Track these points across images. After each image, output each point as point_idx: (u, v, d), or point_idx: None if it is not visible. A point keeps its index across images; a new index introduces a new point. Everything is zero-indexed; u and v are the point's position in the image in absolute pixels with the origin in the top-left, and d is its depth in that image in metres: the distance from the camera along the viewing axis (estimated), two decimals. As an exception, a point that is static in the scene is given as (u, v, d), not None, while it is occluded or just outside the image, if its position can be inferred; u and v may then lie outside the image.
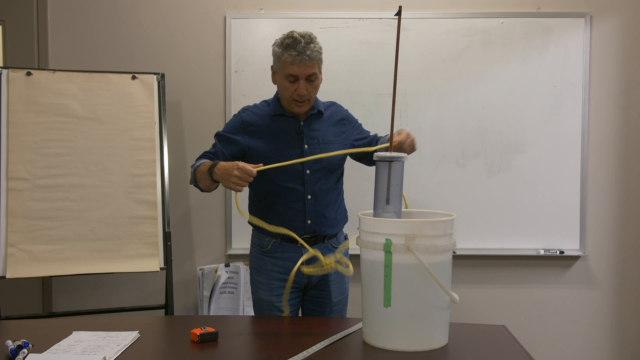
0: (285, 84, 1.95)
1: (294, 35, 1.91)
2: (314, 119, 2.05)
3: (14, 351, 1.43)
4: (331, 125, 2.08)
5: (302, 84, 1.93)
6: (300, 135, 2.01)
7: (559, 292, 3.03)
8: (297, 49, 1.88)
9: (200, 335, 1.56)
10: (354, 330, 1.67)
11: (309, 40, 1.90)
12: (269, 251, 2.05)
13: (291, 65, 1.90)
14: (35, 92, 2.60)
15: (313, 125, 2.04)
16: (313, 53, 1.90)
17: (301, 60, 1.89)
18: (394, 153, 1.63)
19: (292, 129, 2.02)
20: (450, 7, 2.95)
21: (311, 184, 2.00)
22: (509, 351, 1.54)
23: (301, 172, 2.00)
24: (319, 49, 1.93)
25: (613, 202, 2.99)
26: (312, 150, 2.00)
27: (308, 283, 2.06)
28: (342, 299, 2.11)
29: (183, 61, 2.99)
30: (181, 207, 2.99)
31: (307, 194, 2.00)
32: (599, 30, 2.94)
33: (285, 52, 1.90)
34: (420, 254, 1.45)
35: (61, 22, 2.98)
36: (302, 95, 1.94)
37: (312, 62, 1.91)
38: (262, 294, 2.05)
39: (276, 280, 2.03)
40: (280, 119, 2.03)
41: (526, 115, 2.93)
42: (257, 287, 2.07)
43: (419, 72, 2.92)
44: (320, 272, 1.82)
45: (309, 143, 2.02)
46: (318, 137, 2.03)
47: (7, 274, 2.45)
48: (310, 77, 1.93)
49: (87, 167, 2.61)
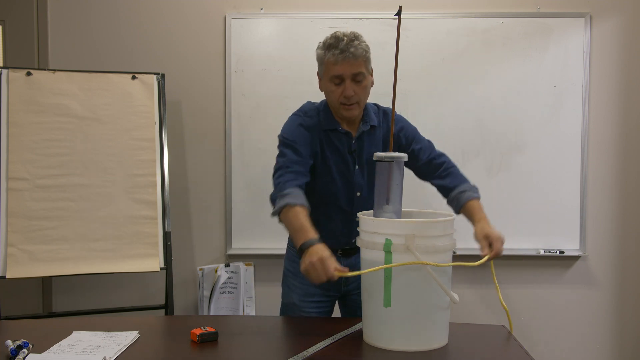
0: (331, 87, 1.81)
1: (337, 34, 1.78)
2: (367, 135, 1.89)
3: (14, 351, 1.43)
4: (384, 142, 1.92)
5: (348, 84, 1.77)
6: (352, 155, 1.88)
7: (559, 292, 3.02)
8: (339, 47, 1.75)
9: (200, 335, 1.56)
10: (354, 330, 1.67)
11: (352, 38, 1.76)
12: None
13: (334, 66, 1.77)
14: (35, 92, 2.60)
15: (365, 142, 1.89)
16: (358, 50, 1.75)
17: (344, 59, 1.74)
18: (394, 153, 1.63)
19: (345, 146, 1.87)
20: (450, 7, 2.95)
21: (360, 208, 1.84)
22: (509, 351, 1.54)
23: (352, 194, 1.90)
24: (365, 47, 1.78)
25: (613, 202, 2.99)
26: (363, 172, 1.89)
27: (346, 292, 1.99)
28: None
29: (183, 61, 2.99)
30: (181, 207, 2.99)
31: (356, 217, 1.87)
32: (599, 30, 2.94)
33: (327, 52, 1.77)
34: (420, 254, 1.45)
35: (61, 22, 2.98)
36: (350, 97, 1.79)
37: (357, 60, 1.76)
38: (295, 299, 1.96)
39: (312, 287, 1.91)
40: (332, 134, 1.87)
41: (526, 115, 2.93)
42: (291, 291, 1.98)
43: (419, 72, 2.92)
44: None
45: (360, 163, 1.88)
46: (370, 158, 1.84)
47: (7, 274, 2.45)
48: (357, 76, 1.78)
49: (87, 167, 2.61)
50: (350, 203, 1.90)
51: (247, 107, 2.96)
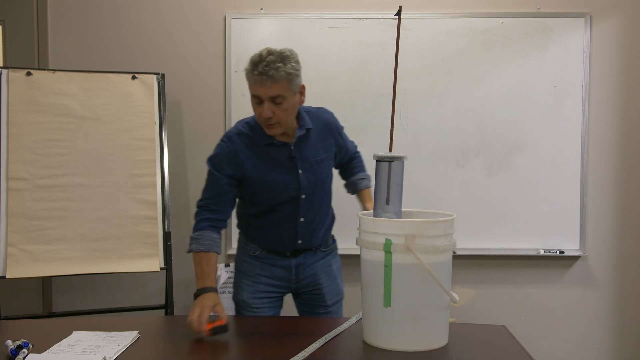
0: (253, 105, 1.81)
1: (262, 53, 1.75)
2: (305, 139, 1.91)
3: (14, 351, 1.43)
4: (320, 140, 1.96)
5: (266, 106, 1.74)
6: (293, 161, 1.90)
7: (559, 292, 3.02)
8: (258, 68, 1.71)
9: (212, 329, 1.59)
10: (352, 323, 1.68)
11: (275, 59, 1.72)
12: (257, 256, 2.01)
13: (254, 85, 1.75)
14: (35, 92, 2.59)
15: (303, 147, 1.91)
16: (278, 73, 1.70)
17: (262, 81, 1.71)
18: (394, 153, 1.63)
19: (284, 156, 1.89)
20: (450, 7, 2.95)
21: (305, 209, 1.94)
22: (509, 351, 1.54)
23: (297, 198, 1.92)
24: (289, 68, 1.73)
25: (613, 202, 2.99)
26: (307, 174, 1.91)
27: (297, 288, 2.04)
28: (337, 301, 2.09)
29: (183, 61, 2.99)
30: (181, 207, 2.99)
31: (301, 217, 1.94)
32: (599, 30, 2.94)
33: (250, 70, 1.75)
34: (420, 254, 1.45)
35: (61, 22, 2.98)
36: (267, 119, 1.77)
37: (276, 83, 1.71)
38: (245, 296, 2.00)
39: (262, 284, 2.00)
40: (269, 147, 1.88)
41: (526, 115, 2.93)
42: (242, 289, 2.02)
43: (419, 72, 2.92)
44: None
45: (303, 167, 1.91)
46: (310, 159, 1.92)
47: (7, 274, 2.45)
48: (276, 99, 1.74)
49: (87, 167, 2.61)
50: (295, 207, 1.93)
51: (247, 107, 2.92)
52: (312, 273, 2.04)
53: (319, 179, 1.94)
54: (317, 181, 1.94)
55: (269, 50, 1.75)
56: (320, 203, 2.00)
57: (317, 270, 2.05)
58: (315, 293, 2.06)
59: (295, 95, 1.80)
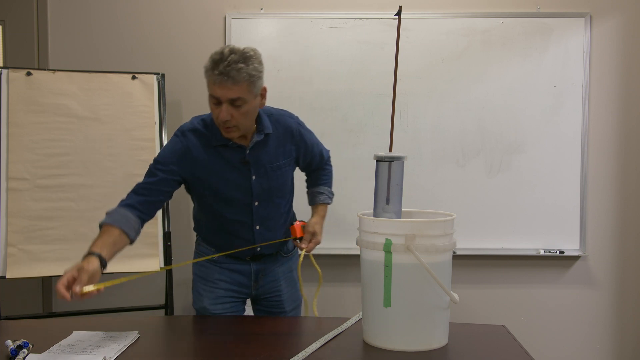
0: (210, 105, 1.71)
1: (224, 51, 1.64)
2: (262, 144, 1.82)
3: (14, 351, 1.43)
4: (279, 146, 1.86)
5: (224, 108, 1.65)
6: (247, 165, 1.81)
7: (559, 292, 3.02)
8: (219, 68, 1.62)
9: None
10: (352, 323, 1.68)
11: (238, 59, 1.62)
12: (216, 260, 1.93)
13: (213, 85, 1.65)
14: (35, 92, 2.60)
15: (260, 152, 1.82)
16: (240, 75, 1.61)
17: (221, 82, 1.62)
18: (394, 153, 1.63)
19: (237, 159, 1.80)
20: (450, 7, 2.95)
21: (260, 216, 1.86)
22: (509, 351, 1.54)
23: (249, 205, 1.84)
24: (252, 70, 1.64)
25: (613, 202, 2.99)
26: (260, 181, 1.83)
27: (256, 295, 1.99)
28: (296, 306, 2.05)
29: (183, 61, 2.98)
30: (181, 207, 2.99)
31: (256, 225, 1.87)
32: (599, 30, 2.94)
33: (210, 69, 1.65)
34: (420, 254, 1.45)
35: (61, 22, 2.98)
36: (225, 122, 1.68)
37: (237, 84, 1.62)
38: (206, 303, 1.92)
39: (222, 290, 1.93)
40: (223, 149, 1.79)
41: (526, 115, 2.93)
42: (201, 296, 1.94)
43: (419, 72, 2.92)
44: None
45: (257, 173, 1.82)
46: (265, 165, 1.83)
47: (7, 274, 2.45)
48: (235, 101, 1.65)
49: (87, 167, 2.61)
50: (249, 213, 1.86)
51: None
52: (273, 279, 1.98)
53: (274, 186, 1.86)
54: (272, 188, 1.86)
55: (231, 49, 1.65)
56: (277, 209, 1.92)
57: (278, 276, 1.99)
58: (274, 299, 2.00)
59: (256, 98, 1.71)
